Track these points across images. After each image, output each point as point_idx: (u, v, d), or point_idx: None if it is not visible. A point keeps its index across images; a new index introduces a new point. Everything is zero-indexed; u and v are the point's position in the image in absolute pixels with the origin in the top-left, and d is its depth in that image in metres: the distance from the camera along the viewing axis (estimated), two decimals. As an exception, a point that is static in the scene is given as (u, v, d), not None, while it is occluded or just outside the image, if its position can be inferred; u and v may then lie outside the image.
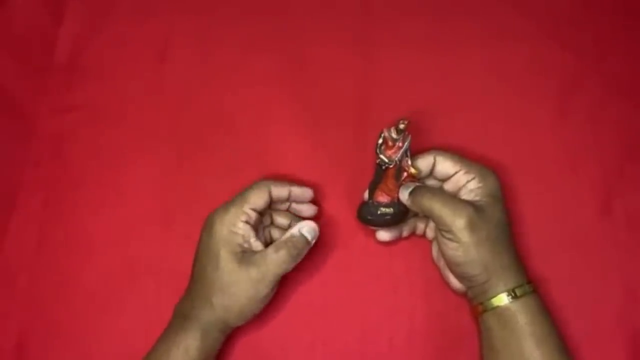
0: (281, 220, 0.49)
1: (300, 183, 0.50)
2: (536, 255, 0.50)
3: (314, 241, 0.46)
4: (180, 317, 0.45)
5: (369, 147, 0.45)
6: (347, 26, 0.57)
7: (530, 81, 0.55)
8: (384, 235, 0.49)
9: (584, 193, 0.52)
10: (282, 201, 0.48)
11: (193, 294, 0.46)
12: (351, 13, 0.58)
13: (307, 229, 0.46)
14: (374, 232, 0.49)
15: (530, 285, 0.43)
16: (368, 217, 0.47)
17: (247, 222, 0.45)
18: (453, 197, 0.44)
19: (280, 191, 0.47)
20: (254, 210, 0.45)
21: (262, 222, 0.48)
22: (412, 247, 0.51)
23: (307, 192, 0.49)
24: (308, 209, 0.50)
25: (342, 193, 0.52)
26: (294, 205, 0.50)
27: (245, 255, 0.44)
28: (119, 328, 0.50)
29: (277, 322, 0.49)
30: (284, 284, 0.50)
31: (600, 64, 0.55)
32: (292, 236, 0.45)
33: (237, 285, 0.44)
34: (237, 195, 0.46)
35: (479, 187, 0.44)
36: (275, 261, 0.44)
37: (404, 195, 0.46)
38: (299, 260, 0.45)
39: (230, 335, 0.48)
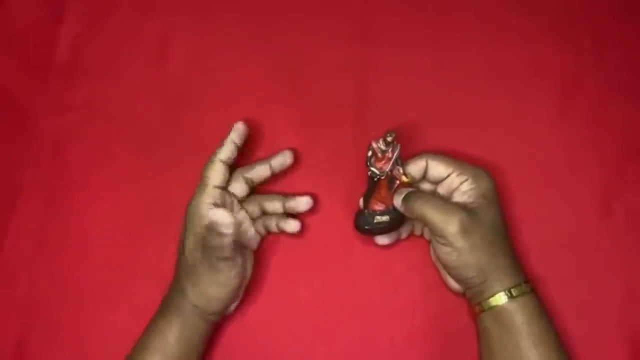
0: (273, 206, 0.49)
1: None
2: (536, 256, 0.49)
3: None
4: (160, 306, 0.46)
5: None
6: (347, 26, 0.57)
7: (529, 81, 0.55)
8: (383, 239, 0.49)
9: (583, 193, 0.52)
10: (261, 179, 0.49)
11: (172, 282, 0.47)
12: (351, 13, 0.58)
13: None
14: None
15: (527, 284, 0.43)
16: (365, 227, 0.48)
17: (214, 204, 0.46)
18: (445, 202, 0.44)
19: (260, 170, 0.48)
20: (217, 187, 0.46)
21: (230, 198, 0.48)
22: (412, 247, 0.50)
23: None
24: (302, 205, 0.49)
25: (341, 193, 0.52)
26: (287, 204, 0.49)
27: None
28: (119, 328, 0.50)
29: (277, 323, 0.49)
30: (283, 284, 0.50)
31: (599, 64, 0.55)
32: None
33: (199, 270, 0.44)
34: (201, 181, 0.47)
35: (472, 189, 0.44)
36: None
37: (397, 202, 0.46)
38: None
39: (229, 334, 0.48)
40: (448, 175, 0.45)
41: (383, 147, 0.44)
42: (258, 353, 0.49)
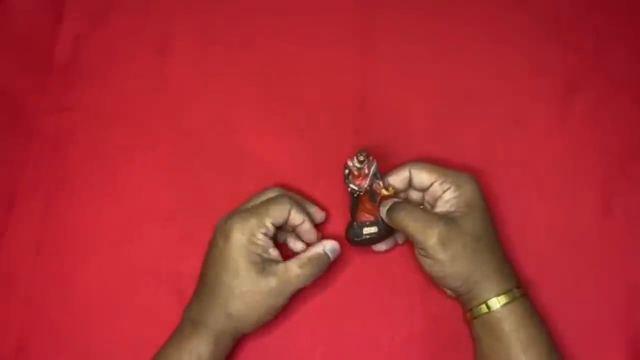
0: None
1: (315, 202, 0.51)
2: (536, 256, 0.49)
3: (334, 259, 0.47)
4: (190, 323, 0.45)
5: (369, 147, 0.45)
6: (347, 25, 0.57)
7: (530, 80, 0.55)
8: (380, 246, 0.49)
9: (584, 193, 0.51)
10: (295, 225, 0.47)
11: (205, 300, 0.45)
12: (351, 12, 0.58)
13: (330, 247, 0.47)
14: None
15: (518, 290, 0.43)
16: (355, 240, 0.48)
17: (266, 234, 0.45)
18: (425, 213, 0.44)
19: (296, 218, 0.46)
20: (273, 224, 0.45)
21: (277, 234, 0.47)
22: (411, 248, 0.50)
23: (319, 215, 0.50)
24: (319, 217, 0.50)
25: (340, 195, 0.51)
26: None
27: (265, 265, 0.44)
28: (119, 328, 0.50)
29: (277, 323, 0.49)
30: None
31: (601, 64, 0.55)
32: (317, 254, 0.46)
33: (257, 295, 0.44)
34: (258, 206, 0.46)
35: (454, 197, 0.44)
36: (298, 276, 0.45)
37: (383, 213, 0.46)
38: (318, 276, 0.46)
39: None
40: (431, 184, 0.45)
41: (358, 165, 0.45)
42: (257, 352, 0.49)
